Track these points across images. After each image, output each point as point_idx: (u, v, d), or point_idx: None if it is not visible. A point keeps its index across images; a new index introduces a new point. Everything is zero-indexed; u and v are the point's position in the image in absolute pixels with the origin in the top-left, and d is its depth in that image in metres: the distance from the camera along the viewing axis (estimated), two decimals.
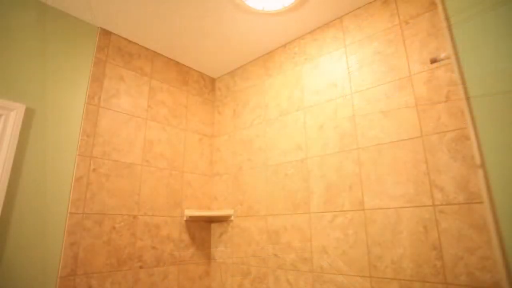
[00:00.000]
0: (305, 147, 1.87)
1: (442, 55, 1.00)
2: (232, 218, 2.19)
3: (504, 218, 0.49)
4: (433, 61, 1.05)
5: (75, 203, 1.66)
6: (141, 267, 1.87)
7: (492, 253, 1.18)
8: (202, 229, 2.27)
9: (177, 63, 2.39)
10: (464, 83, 0.53)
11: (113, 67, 1.98)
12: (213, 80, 2.64)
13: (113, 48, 2.01)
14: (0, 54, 1.54)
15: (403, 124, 1.50)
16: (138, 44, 2.16)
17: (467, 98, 0.51)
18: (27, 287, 1.44)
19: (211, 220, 2.32)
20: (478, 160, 0.51)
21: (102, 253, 1.72)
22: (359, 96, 1.69)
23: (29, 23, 1.67)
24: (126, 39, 2.09)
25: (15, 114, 1.51)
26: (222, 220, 2.26)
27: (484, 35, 0.53)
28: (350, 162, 1.65)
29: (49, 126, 1.64)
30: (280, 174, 1.97)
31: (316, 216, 1.73)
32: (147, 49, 2.20)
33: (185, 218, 2.16)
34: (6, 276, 1.39)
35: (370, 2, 1.78)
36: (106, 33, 1.99)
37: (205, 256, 2.24)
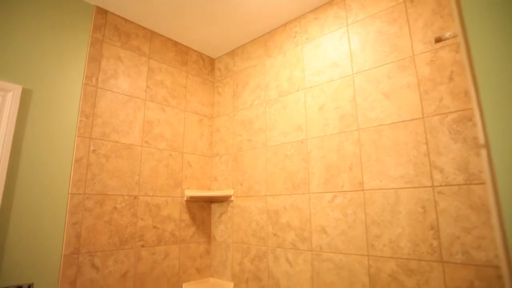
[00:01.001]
0: (305, 127, 1.87)
1: (447, 34, 0.98)
2: (232, 198, 2.21)
3: (506, 199, 0.49)
4: (438, 40, 1.03)
5: (75, 184, 1.66)
6: (142, 246, 1.90)
7: (488, 233, 1.20)
8: (203, 209, 2.29)
9: (176, 43, 2.34)
10: (471, 62, 0.52)
11: (110, 47, 1.94)
12: (212, 61, 2.60)
13: (110, 27, 1.96)
14: None
15: (405, 105, 1.49)
16: (135, 23, 2.11)
17: (474, 78, 0.51)
18: (33, 264, 1.47)
19: (211, 200, 2.35)
20: (482, 140, 0.51)
21: (104, 233, 1.74)
22: (361, 76, 1.67)
23: (24, 2, 1.62)
24: (123, 18, 2.04)
25: (12, 95, 1.49)
26: (222, 200, 2.29)
27: (496, 12, 0.52)
28: (350, 143, 1.65)
29: (47, 107, 1.63)
30: (280, 155, 1.97)
31: (316, 197, 1.75)
32: (144, 28, 2.15)
33: (185, 199, 2.18)
34: (13, 254, 1.42)
35: None
36: (102, 12, 1.94)
37: (205, 236, 2.27)
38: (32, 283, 1.46)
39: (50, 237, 1.55)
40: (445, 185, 1.32)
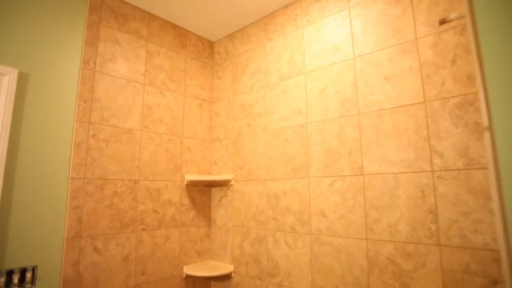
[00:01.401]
0: (306, 112, 1.86)
1: (453, 15, 0.96)
2: (232, 182, 2.22)
3: (508, 182, 0.49)
4: (442, 22, 1.01)
5: (76, 168, 1.67)
6: (143, 229, 1.92)
7: (486, 217, 1.21)
8: (203, 193, 2.31)
9: (174, 25, 2.30)
10: (478, 43, 0.51)
11: (107, 30, 1.90)
12: (211, 44, 2.56)
13: (106, 9, 1.92)
14: None
15: (406, 89, 1.48)
16: (133, 5, 2.06)
17: (480, 60, 0.49)
18: (36, 247, 1.49)
19: (211, 184, 2.36)
20: (485, 123, 0.50)
21: (105, 216, 1.76)
22: (362, 60, 1.65)
23: None
24: None
25: (8, 79, 1.47)
26: (222, 184, 2.30)
27: None
28: (351, 128, 1.65)
29: (45, 91, 1.61)
30: (280, 139, 1.97)
31: (316, 181, 1.76)
32: (142, 10, 2.11)
33: (185, 183, 2.19)
34: (16, 237, 1.44)
35: None
36: None
37: (205, 219, 2.30)
38: (36, 266, 1.48)
39: (52, 221, 1.56)
40: (445, 170, 1.33)
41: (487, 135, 0.51)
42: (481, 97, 0.50)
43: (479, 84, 0.50)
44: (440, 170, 1.34)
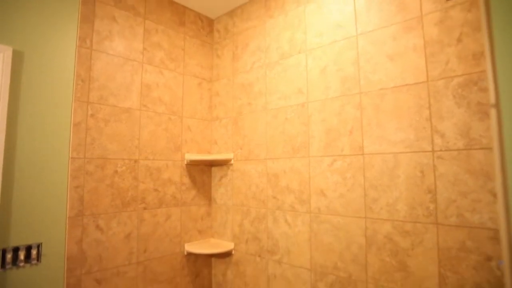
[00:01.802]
0: (306, 91, 1.84)
1: None
2: (232, 162, 2.23)
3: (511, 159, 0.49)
4: None
5: (75, 148, 1.66)
6: (144, 208, 1.94)
7: (484, 196, 1.22)
8: (203, 172, 2.32)
9: (172, 1, 2.23)
10: (489, 19, 0.49)
11: (104, 6, 1.85)
12: (211, 21, 2.50)
13: None
14: None
15: (409, 68, 1.45)
16: None
17: (490, 36, 0.48)
18: (40, 225, 1.52)
19: (211, 163, 2.37)
20: (492, 99, 0.49)
21: (107, 195, 1.77)
22: (365, 38, 1.61)
23: None
24: None
25: (2, 57, 1.44)
26: (222, 163, 2.30)
27: None
28: (352, 107, 1.63)
29: (41, 70, 1.58)
30: (280, 118, 1.96)
31: (315, 160, 1.76)
32: None
33: (185, 162, 2.20)
34: (20, 215, 1.46)
35: None
36: None
37: (206, 198, 2.32)
38: (41, 243, 1.51)
39: (55, 200, 1.58)
40: (445, 150, 1.33)
41: (493, 112, 0.50)
42: (489, 74, 0.49)
43: (488, 61, 0.49)
44: (441, 150, 1.34)
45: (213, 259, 2.30)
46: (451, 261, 1.29)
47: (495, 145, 0.50)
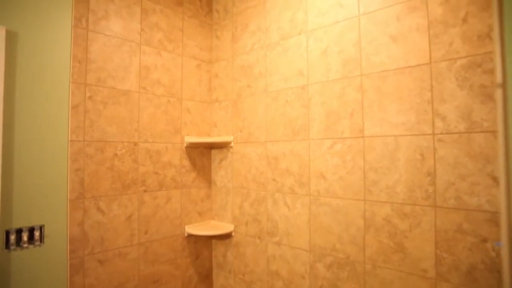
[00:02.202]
0: (307, 73, 1.81)
1: None
2: (232, 144, 2.23)
3: None
4: None
5: (74, 130, 1.65)
6: (145, 190, 1.95)
7: (483, 179, 1.22)
8: (203, 155, 2.32)
9: None
10: None
11: None
12: (209, 1, 2.43)
13: None
14: None
15: (412, 49, 1.42)
16: None
17: (500, 14, 0.46)
18: (42, 208, 1.53)
19: (211, 146, 2.36)
20: (499, 79, 0.48)
21: (107, 178, 1.78)
22: (367, 18, 1.57)
23: None
24: None
25: None
26: (222, 146, 2.30)
27: None
28: (353, 89, 1.61)
29: (36, 51, 1.55)
30: (280, 101, 1.94)
31: (315, 143, 1.76)
32: None
33: (185, 145, 2.20)
34: (22, 198, 1.47)
35: None
36: None
37: (206, 181, 2.33)
38: (43, 225, 1.53)
39: (55, 183, 1.58)
40: (446, 133, 1.32)
41: (499, 92, 0.49)
42: (497, 52, 0.48)
43: (496, 39, 0.47)
44: (441, 133, 1.33)
45: (213, 241, 2.34)
46: (447, 243, 1.30)
47: (500, 125, 0.49)
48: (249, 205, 2.10)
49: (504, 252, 0.76)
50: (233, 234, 2.19)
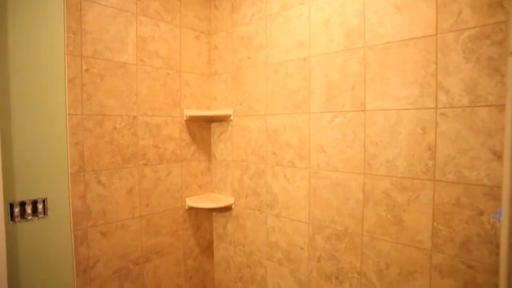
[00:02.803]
0: (308, 44, 1.76)
1: None
2: (232, 117, 2.21)
3: None
4: None
5: (72, 104, 1.63)
6: (145, 164, 1.96)
7: (483, 154, 1.22)
8: (202, 128, 2.31)
9: None
10: None
11: None
12: None
13: None
14: None
15: (418, 20, 1.37)
16: None
17: None
18: (44, 181, 1.54)
19: (211, 119, 2.35)
20: (511, 47, 0.46)
21: (107, 152, 1.78)
22: None
23: None
24: None
25: None
26: (221, 119, 2.29)
27: None
28: (355, 61, 1.58)
29: (27, 20, 1.49)
30: (280, 73, 1.90)
31: (316, 116, 1.74)
32: None
33: (185, 118, 2.18)
34: (23, 172, 1.47)
35: None
36: None
37: (206, 154, 2.34)
38: (46, 198, 1.54)
39: (56, 157, 1.58)
40: (449, 107, 1.30)
41: (510, 60, 0.47)
42: (511, 21, 0.45)
43: (510, 8, 0.45)
44: (444, 107, 1.31)
45: (213, 213, 2.38)
46: (444, 216, 1.32)
47: (509, 93, 0.48)
48: (249, 178, 2.11)
49: (505, 224, 0.77)
50: (233, 206, 2.22)
